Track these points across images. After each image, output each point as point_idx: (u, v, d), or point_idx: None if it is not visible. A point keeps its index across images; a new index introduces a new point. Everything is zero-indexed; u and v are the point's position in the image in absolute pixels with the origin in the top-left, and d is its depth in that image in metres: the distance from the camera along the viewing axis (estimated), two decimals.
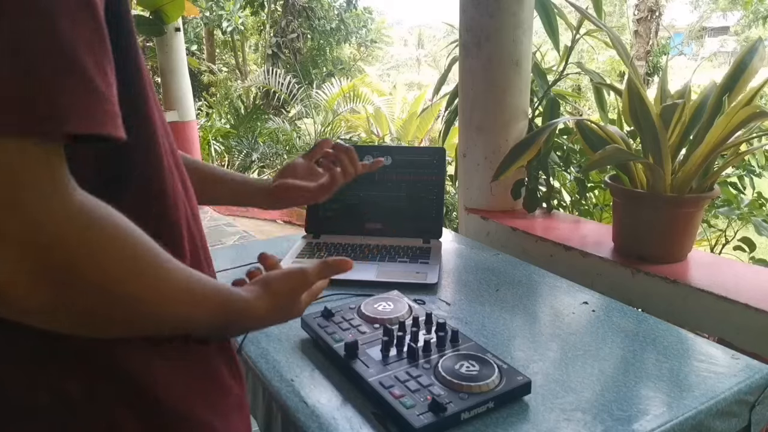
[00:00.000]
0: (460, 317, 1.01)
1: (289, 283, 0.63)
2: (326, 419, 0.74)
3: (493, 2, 1.59)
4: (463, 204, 1.82)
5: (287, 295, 0.63)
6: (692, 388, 0.79)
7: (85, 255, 0.39)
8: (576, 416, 0.73)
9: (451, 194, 3.65)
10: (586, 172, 1.69)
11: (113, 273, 0.41)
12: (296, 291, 0.64)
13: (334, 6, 11.24)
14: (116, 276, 0.41)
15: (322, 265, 0.67)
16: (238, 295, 0.56)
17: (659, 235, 1.30)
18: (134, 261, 0.43)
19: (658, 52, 10.07)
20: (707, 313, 1.16)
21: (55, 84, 0.36)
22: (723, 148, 1.21)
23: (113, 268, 0.41)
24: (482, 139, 1.71)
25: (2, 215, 0.35)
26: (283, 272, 0.64)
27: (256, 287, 0.60)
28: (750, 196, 1.71)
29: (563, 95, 1.92)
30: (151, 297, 0.44)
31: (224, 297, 0.54)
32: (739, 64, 1.26)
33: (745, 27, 15.04)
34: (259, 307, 0.58)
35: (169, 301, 0.46)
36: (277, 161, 5.90)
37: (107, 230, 0.41)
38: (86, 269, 0.39)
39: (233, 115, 6.86)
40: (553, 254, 1.49)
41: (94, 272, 0.40)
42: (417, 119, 6.56)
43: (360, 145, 3.09)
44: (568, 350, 0.89)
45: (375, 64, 15.27)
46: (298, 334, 0.95)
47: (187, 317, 0.49)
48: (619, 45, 1.37)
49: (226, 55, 11.44)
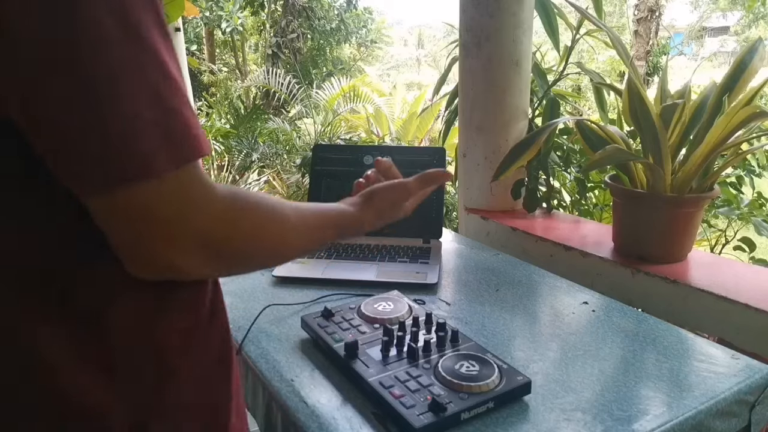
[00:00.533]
0: (460, 317, 1.01)
1: (390, 195, 0.76)
2: (326, 419, 0.74)
3: (493, 2, 1.59)
4: (463, 204, 1.82)
5: (389, 206, 0.76)
6: (692, 388, 0.79)
7: (240, 238, 0.52)
8: (576, 416, 0.73)
9: (451, 194, 3.65)
10: (586, 172, 1.69)
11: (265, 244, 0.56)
12: (397, 202, 0.77)
13: (334, 6, 11.23)
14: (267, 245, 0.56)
15: (422, 176, 0.79)
16: (348, 213, 0.71)
17: (659, 235, 1.30)
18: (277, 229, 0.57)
19: (658, 52, 10.07)
20: (707, 313, 1.16)
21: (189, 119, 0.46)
22: (723, 148, 1.21)
23: (264, 241, 0.55)
24: (482, 139, 1.71)
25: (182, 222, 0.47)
26: (385, 186, 0.76)
27: (361, 200, 0.74)
28: (750, 196, 1.71)
29: (563, 95, 1.92)
30: (294, 244, 0.60)
31: (338, 219, 0.69)
32: (739, 64, 1.26)
33: (745, 27, 15.04)
34: (363, 216, 0.72)
35: (307, 240, 0.62)
36: (277, 161, 5.90)
37: (251, 214, 0.53)
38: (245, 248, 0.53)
39: (233, 115, 6.85)
40: (553, 254, 1.49)
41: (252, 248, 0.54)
42: (417, 119, 6.55)
43: (360, 145, 3.09)
44: (568, 350, 0.89)
45: (375, 64, 15.27)
46: (298, 334, 0.95)
47: (318, 242, 0.66)
48: (619, 45, 1.37)
49: (226, 55, 11.43)
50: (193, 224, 0.47)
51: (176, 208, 0.46)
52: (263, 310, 1.02)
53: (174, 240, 0.47)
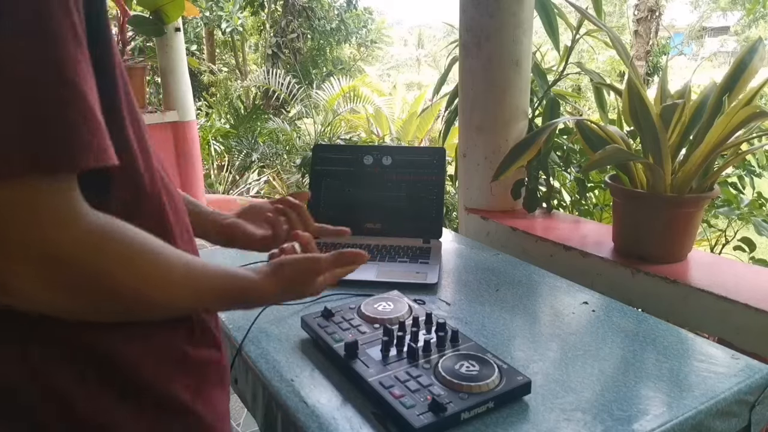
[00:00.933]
0: (460, 317, 1.01)
1: (300, 268, 0.68)
2: (326, 419, 0.74)
3: (493, 2, 1.59)
4: (463, 204, 1.82)
5: (299, 280, 0.68)
6: (692, 388, 0.79)
7: (97, 269, 0.46)
8: (576, 416, 0.73)
9: (451, 194, 3.65)
10: (586, 172, 1.68)
11: (123, 281, 0.48)
12: (308, 275, 0.69)
13: (334, 6, 11.22)
14: (126, 283, 0.48)
15: (337, 255, 0.72)
16: (243, 278, 0.62)
17: (659, 235, 1.30)
18: (140, 270, 0.49)
19: (658, 52, 10.06)
20: (707, 313, 1.16)
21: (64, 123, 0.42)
22: (723, 148, 1.21)
23: (123, 278, 0.48)
24: (482, 139, 1.71)
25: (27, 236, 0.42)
26: (296, 258, 0.69)
27: (268, 269, 0.66)
28: (750, 196, 1.71)
29: (563, 95, 1.92)
30: (158, 297, 0.52)
31: (228, 283, 0.60)
32: (739, 64, 1.26)
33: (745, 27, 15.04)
34: (267, 287, 0.64)
35: (175, 297, 0.54)
36: (277, 161, 5.90)
37: (115, 246, 0.47)
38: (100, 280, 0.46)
39: (233, 115, 6.85)
40: (553, 254, 1.49)
41: (107, 281, 0.47)
42: (417, 119, 6.55)
43: (360, 145, 3.09)
44: (568, 350, 0.89)
45: (375, 64, 15.26)
46: (298, 334, 0.95)
47: (193, 305, 0.57)
48: (619, 45, 1.37)
49: (226, 55, 11.43)
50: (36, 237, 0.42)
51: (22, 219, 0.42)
52: (263, 310, 1.02)
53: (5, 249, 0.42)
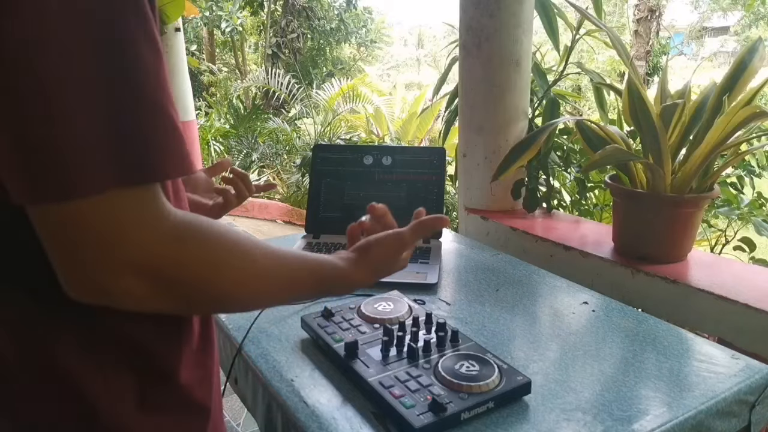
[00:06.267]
0: (460, 317, 1.01)
1: (386, 249, 0.69)
2: (326, 419, 0.74)
3: (493, 2, 1.59)
4: (463, 204, 1.82)
5: (387, 260, 0.69)
6: (692, 388, 0.79)
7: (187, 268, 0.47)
8: (576, 416, 0.73)
9: (451, 194, 3.65)
10: (586, 172, 1.68)
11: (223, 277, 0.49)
12: (394, 254, 0.70)
13: (334, 6, 11.22)
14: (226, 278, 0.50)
15: (418, 225, 0.72)
16: (333, 268, 0.64)
17: (659, 235, 1.30)
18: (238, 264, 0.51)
19: (658, 52, 10.07)
20: (707, 313, 1.16)
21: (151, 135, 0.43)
22: (723, 148, 1.21)
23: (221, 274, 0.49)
24: (482, 139, 1.71)
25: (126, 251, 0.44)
26: (380, 238, 0.69)
27: (355, 255, 0.67)
28: (750, 196, 1.71)
29: (563, 95, 1.92)
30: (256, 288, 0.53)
31: (320, 274, 0.62)
32: (739, 64, 1.26)
33: (745, 27, 15.03)
34: (356, 273, 0.65)
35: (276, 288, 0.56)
36: (277, 161, 5.90)
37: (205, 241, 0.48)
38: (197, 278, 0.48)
39: (233, 115, 6.85)
40: (553, 254, 1.49)
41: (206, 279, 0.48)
42: (417, 119, 6.55)
43: (360, 145, 3.09)
44: (568, 350, 0.89)
45: (375, 64, 15.26)
46: (298, 334, 0.95)
47: (288, 298, 0.61)
48: (619, 45, 1.37)
49: (226, 55, 11.43)
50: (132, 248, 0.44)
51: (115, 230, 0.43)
52: (263, 310, 1.02)
53: (107, 263, 0.43)
